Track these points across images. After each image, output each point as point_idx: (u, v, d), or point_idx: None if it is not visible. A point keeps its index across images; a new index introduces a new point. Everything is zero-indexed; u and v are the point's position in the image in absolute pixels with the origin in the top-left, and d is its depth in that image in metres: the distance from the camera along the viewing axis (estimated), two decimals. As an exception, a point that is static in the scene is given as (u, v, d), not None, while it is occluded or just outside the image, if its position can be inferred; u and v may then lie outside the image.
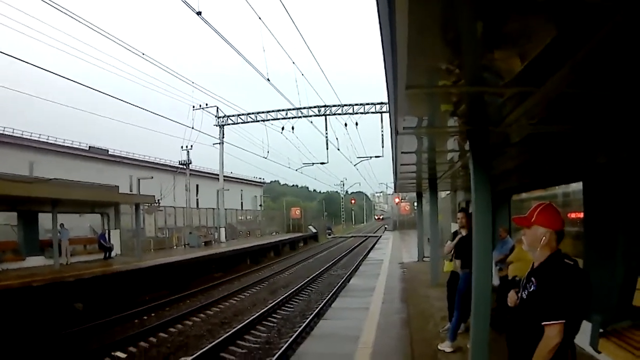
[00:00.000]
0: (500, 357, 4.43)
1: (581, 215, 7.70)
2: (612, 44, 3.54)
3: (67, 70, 21.82)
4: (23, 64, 18.23)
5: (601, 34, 3.35)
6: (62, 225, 24.04)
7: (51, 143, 43.52)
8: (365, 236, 70.62)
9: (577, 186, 8.36)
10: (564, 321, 3.24)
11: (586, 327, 3.64)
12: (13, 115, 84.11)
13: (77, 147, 47.13)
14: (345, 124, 40.78)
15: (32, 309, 15.49)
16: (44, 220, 24.83)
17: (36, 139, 42.01)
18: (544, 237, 3.53)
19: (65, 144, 45.56)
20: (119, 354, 13.00)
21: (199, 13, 19.73)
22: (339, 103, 41.33)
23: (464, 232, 9.35)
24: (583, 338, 3.74)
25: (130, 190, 42.99)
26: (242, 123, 44.18)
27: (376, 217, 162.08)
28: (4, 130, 38.80)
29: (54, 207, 22.63)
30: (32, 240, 24.06)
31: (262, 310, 17.30)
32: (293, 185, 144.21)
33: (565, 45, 3.66)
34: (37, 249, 23.96)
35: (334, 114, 41.29)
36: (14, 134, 39.77)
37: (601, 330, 6.13)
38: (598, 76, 4.36)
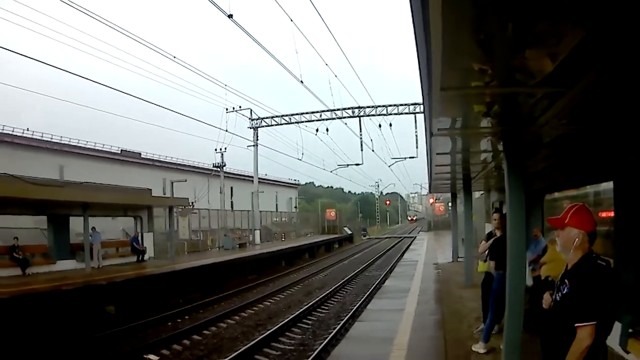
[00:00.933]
0: (533, 358, 4.42)
1: (611, 214, 7.61)
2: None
3: (98, 74, 22.05)
4: (53, 69, 18.47)
5: (630, 33, 3.34)
6: (93, 228, 24.12)
7: (81, 147, 43.96)
8: (400, 237, 70.36)
9: (607, 185, 8.28)
10: (595, 322, 3.24)
11: (616, 326, 3.63)
12: (43, 120, 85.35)
13: (109, 150, 47.61)
14: (380, 125, 40.75)
15: (63, 312, 15.54)
16: (75, 223, 24.88)
17: (66, 142, 42.52)
18: (577, 239, 3.54)
19: (96, 147, 46.03)
20: (152, 356, 13.14)
21: (230, 16, 19.79)
22: (373, 104, 41.32)
23: (498, 233, 9.31)
24: (612, 338, 3.72)
25: (164, 193, 43.40)
26: (276, 125, 44.44)
27: (409, 219, 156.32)
28: (33, 134, 39.27)
29: (85, 211, 22.77)
30: (63, 243, 24.05)
31: (297, 312, 17.38)
32: (328, 186, 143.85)
33: (595, 46, 3.66)
34: (67, 253, 23.98)
35: (368, 115, 41.31)
36: (44, 138, 40.24)
37: (630, 330, 6.08)
38: (627, 76, 4.33)
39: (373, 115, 41.19)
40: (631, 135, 6.41)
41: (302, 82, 29.88)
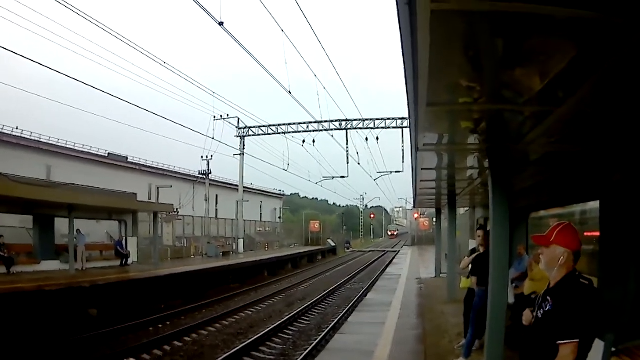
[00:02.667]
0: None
1: (596, 234, 7.68)
2: (631, 63, 3.56)
3: (86, 75, 22.01)
4: (42, 68, 18.41)
5: (621, 54, 3.38)
6: (78, 230, 24.09)
7: (69, 148, 43.74)
8: (384, 251, 70.31)
9: (593, 205, 8.35)
10: (578, 340, 3.25)
11: (598, 345, 3.64)
12: (29, 119, 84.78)
13: (96, 152, 47.44)
14: (366, 139, 41.05)
15: (45, 313, 15.48)
16: (61, 225, 24.87)
17: (54, 143, 42.29)
18: (562, 257, 3.55)
19: (84, 149, 45.83)
20: (133, 361, 13.06)
21: (221, 23, 19.78)
22: (360, 117, 41.49)
23: (482, 250, 9.36)
24: (595, 357, 3.73)
25: (149, 198, 43.24)
26: (263, 135, 44.50)
27: (389, 233, 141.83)
28: (21, 133, 39.03)
29: (71, 212, 22.71)
30: (48, 244, 24.11)
31: (279, 322, 17.28)
32: (313, 198, 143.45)
33: (585, 65, 3.69)
34: (52, 254, 23.98)
35: (355, 128, 41.54)
36: (32, 137, 40.02)
37: (613, 349, 6.11)
38: (616, 96, 4.38)
39: (360, 128, 41.44)
40: (618, 155, 6.47)
41: (290, 92, 29.95)
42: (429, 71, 3.94)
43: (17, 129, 38.61)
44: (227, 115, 42.98)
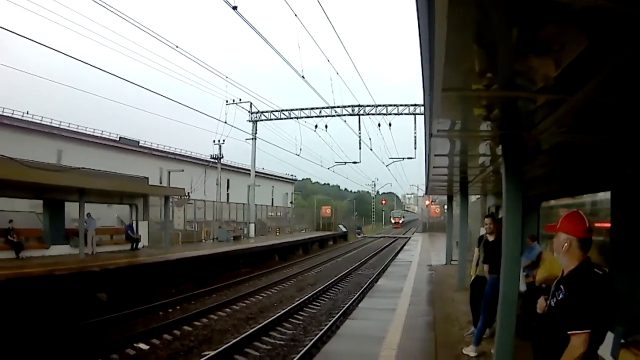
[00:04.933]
0: (524, 364, 4.41)
1: (606, 224, 7.62)
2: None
3: (98, 59, 22.06)
4: (54, 52, 18.44)
5: (634, 44, 3.33)
6: (88, 214, 24.13)
7: (80, 132, 43.93)
8: (395, 237, 70.32)
9: (604, 195, 8.30)
10: (589, 331, 3.23)
11: (608, 337, 3.62)
12: (41, 103, 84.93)
13: (107, 137, 47.54)
14: (379, 124, 40.83)
15: (55, 297, 15.57)
16: (71, 209, 24.91)
17: (65, 127, 42.48)
18: (565, 244, 3.54)
19: (95, 134, 45.96)
20: (142, 345, 13.11)
21: (234, 7, 19.71)
22: (373, 103, 41.35)
23: (490, 238, 9.33)
24: (604, 348, 3.71)
25: (160, 183, 43.35)
26: (275, 119, 44.46)
27: (392, 221, 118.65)
28: (32, 118, 39.19)
29: (81, 197, 22.75)
30: (58, 228, 24.15)
31: (289, 307, 17.38)
32: (324, 183, 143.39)
33: (599, 54, 3.65)
34: (62, 238, 24.05)
35: (368, 114, 41.39)
36: (43, 122, 40.12)
37: (622, 341, 6.08)
38: (629, 86, 4.32)
39: (373, 114, 41.30)
40: (631, 146, 6.40)
41: (303, 77, 29.88)
42: (445, 56, 3.91)
43: (27, 113, 38.72)
44: (240, 99, 43.03)
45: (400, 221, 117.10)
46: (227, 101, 41.83)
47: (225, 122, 39.55)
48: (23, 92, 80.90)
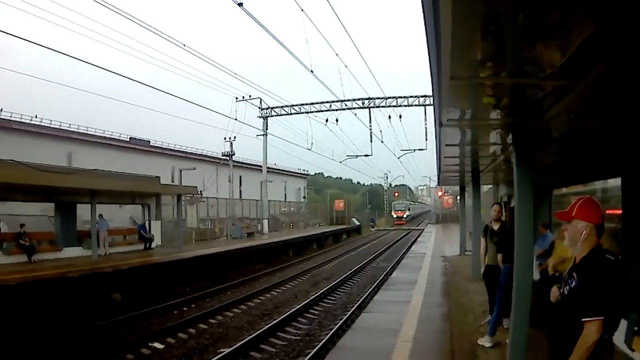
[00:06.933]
0: (538, 354, 4.38)
1: (618, 211, 7.58)
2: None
3: (107, 61, 22.18)
4: (63, 56, 18.53)
5: (637, 27, 3.29)
6: (100, 215, 24.18)
7: (90, 134, 43.83)
8: (408, 229, 70.31)
9: (615, 182, 8.26)
10: (603, 317, 3.19)
11: (621, 324, 3.60)
12: (51, 106, 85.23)
13: (118, 137, 47.59)
14: (389, 117, 40.65)
15: (69, 299, 15.62)
16: (83, 211, 24.85)
17: (75, 129, 42.41)
18: (584, 231, 3.49)
19: (105, 135, 46.00)
20: (157, 344, 13.20)
21: (240, 4, 19.69)
22: (383, 95, 41.19)
23: (495, 226, 9.35)
24: (617, 335, 3.68)
25: (172, 181, 43.42)
26: (285, 115, 44.36)
27: (394, 216, 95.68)
28: (42, 121, 39.15)
29: (93, 198, 22.71)
30: (70, 231, 24.10)
31: (304, 303, 17.43)
32: (337, 177, 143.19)
33: (604, 39, 3.61)
34: (74, 240, 24.04)
35: (378, 107, 41.20)
36: (52, 125, 40.19)
37: (636, 328, 6.05)
38: (637, 70, 4.28)
39: (383, 106, 41.10)
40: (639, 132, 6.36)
41: (312, 71, 29.81)
42: (451, 44, 3.90)
43: (36, 117, 38.79)
44: (250, 96, 42.83)
45: (405, 215, 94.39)
46: (236, 98, 41.75)
47: (236, 119, 39.47)
48: (32, 96, 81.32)
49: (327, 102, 41.99)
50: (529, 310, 6.78)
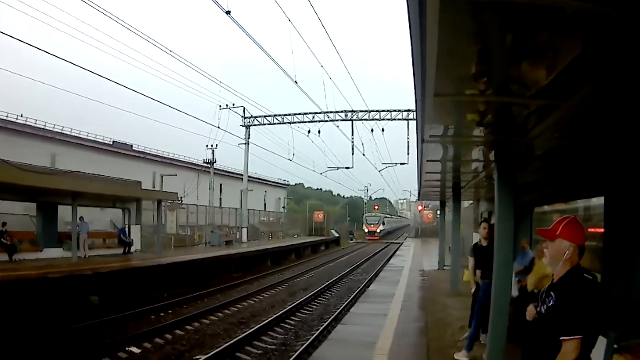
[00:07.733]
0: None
1: (599, 230, 7.65)
2: (638, 59, 3.52)
3: (92, 63, 22.00)
4: (47, 56, 18.43)
5: (627, 50, 3.34)
6: (81, 218, 24.12)
7: (74, 136, 43.50)
8: (388, 242, 70.40)
9: (597, 201, 8.33)
10: (581, 336, 3.22)
11: (601, 342, 3.62)
12: (35, 107, 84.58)
13: (101, 141, 47.32)
14: (372, 130, 40.87)
15: (48, 300, 15.51)
16: (64, 212, 24.84)
17: (59, 131, 42.04)
18: (567, 252, 3.51)
19: (89, 138, 45.71)
20: (133, 349, 13.07)
21: (228, 12, 19.75)
22: (366, 109, 41.39)
23: (484, 244, 9.36)
24: (597, 354, 3.71)
25: (153, 187, 43.30)
26: (268, 124, 44.41)
27: (366, 230, 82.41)
28: (26, 121, 38.81)
29: (75, 200, 22.67)
30: (51, 232, 24.15)
31: (281, 312, 17.35)
32: (317, 188, 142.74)
33: (592, 61, 3.65)
34: (55, 241, 24.06)
35: (361, 120, 41.38)
36: (37, 125, 39.88)
37: (615, 346, 6.09)
38: (622, 92, 4.33)
39: (366, 119, 41.29)
40: (624, 152, 6.43)
41: (296, 82, 29.91)
42: (437, 61, 3.92)
43: (21, 116, 38.49)
44: (233, 104, 42.91)
45: (379, 230, 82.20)
46: (220, 106, 41.82)
47: (219, 127, 39.49)
48: (17, 94, 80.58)
49: (311, 113, 42.13)
50: (507, 326, 6.82)
